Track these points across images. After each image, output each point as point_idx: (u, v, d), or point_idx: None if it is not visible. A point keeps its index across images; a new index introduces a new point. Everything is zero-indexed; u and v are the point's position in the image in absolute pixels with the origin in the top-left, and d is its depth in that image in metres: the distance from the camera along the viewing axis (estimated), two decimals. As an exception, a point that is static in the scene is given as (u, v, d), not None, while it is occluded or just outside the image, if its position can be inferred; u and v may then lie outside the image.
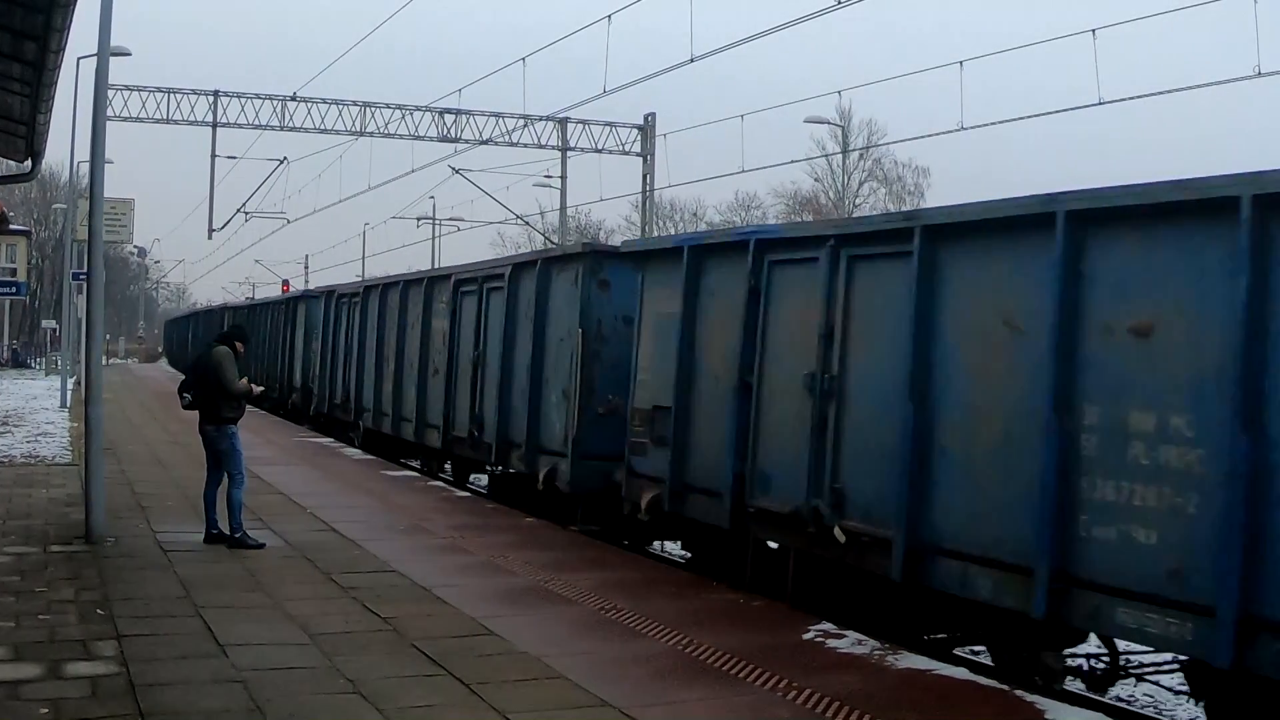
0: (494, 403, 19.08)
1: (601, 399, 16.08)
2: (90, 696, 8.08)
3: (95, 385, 14.34)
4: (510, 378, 18.57)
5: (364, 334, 27.32)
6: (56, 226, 78.48)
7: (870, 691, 8.78)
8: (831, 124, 55.97)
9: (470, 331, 20.48)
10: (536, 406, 17.53)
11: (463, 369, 20.77)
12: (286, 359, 37.74)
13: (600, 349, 16.16)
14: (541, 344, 17.50)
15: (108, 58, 14.37)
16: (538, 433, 17.50)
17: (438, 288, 22.69)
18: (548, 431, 17.24)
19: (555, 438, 16.95)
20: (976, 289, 10.21)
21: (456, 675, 8.79)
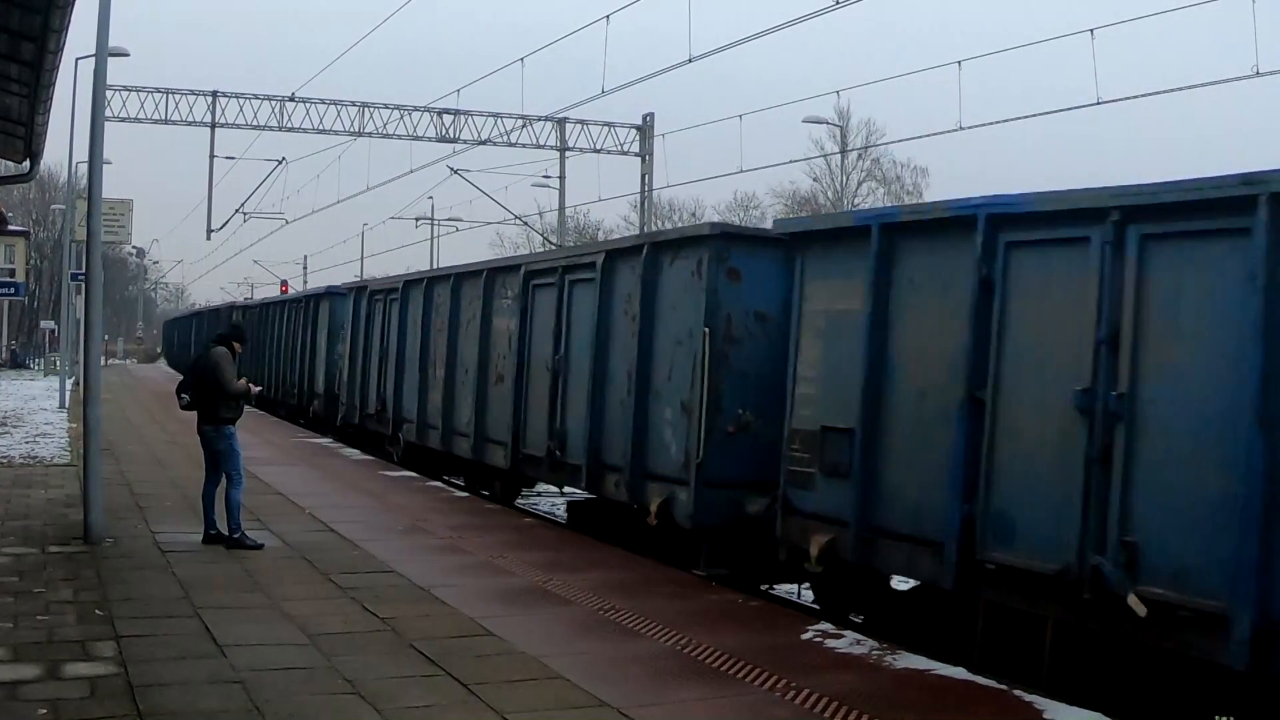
0: (581, 417, 16.11)
1: (730, 414, 13.43)
2: (89, 697, 8.07)
3: (94, 386, 14.34)
4: (604, 387, 15.67)
5: (404, 335, 24.13)
6: (55, 227, 78.55)
7: (869, 691, 8.78)
8: (830, 124, 56.13)
9: (546, 331, 17.42)
10: (643, 422, 14.68)
11: (537, 376, 17.75)
12: (306, 363, 34.32)
13: (729, 352, 13.50)
14: (649, 347, 14.71)
15: (106, 58, 14.38)
16: (644, 454, 14.65)
17: (502, 281, 19.59)
18: (659, 453, 14.40)
19: (670, 461, 14.11)
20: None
21: (455, 675, 8.80)
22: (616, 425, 15.32)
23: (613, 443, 15.42)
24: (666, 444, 14.23)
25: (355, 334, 27.90)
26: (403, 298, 24.42)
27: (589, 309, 16.11)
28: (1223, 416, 8.19)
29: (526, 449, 17.99)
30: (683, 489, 13.71)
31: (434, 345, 22.26)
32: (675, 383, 14.12)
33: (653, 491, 14.33)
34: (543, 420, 17.28)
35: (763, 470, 12.83)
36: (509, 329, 18.78)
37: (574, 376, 16.53)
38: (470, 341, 20.38)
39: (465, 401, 20.50)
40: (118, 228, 52.47)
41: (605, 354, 15.67)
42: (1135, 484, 8.75)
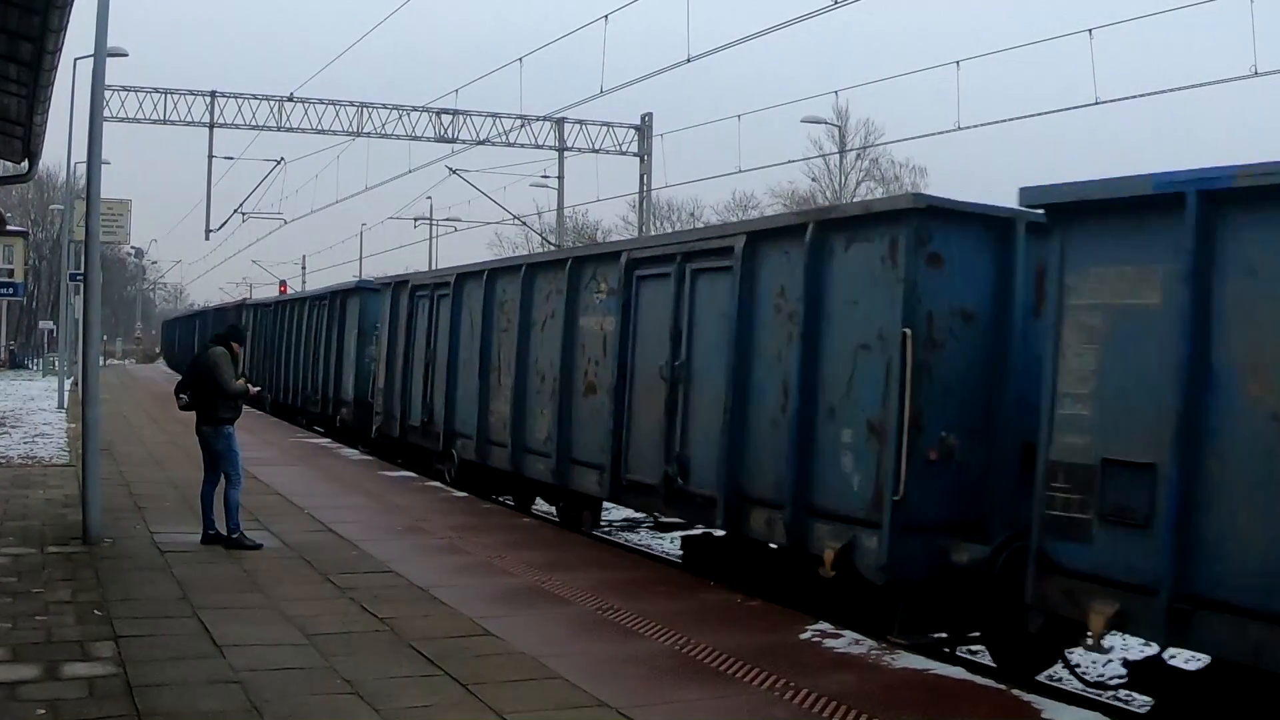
0: (711, 438, 13.35)
1: (931, 437, 10.87)
2: (88, 697, 8.07)
3: (92, 386, 14.35)
4: (746, 401, 12.88)
5: (457, 336, 21.13)
6: (54, 227, 78.60)
7: (867, 691, 8.79)
8: (828, 124, 56.01)
9: (659, 332, 14.50)
10: (809, 447, 11.89)
11: (645, 386, 14.81)
12: (332, 367, 31.06)
13: (931, 360, 10.89)
14: (815, 352, 11.92)
15: (104, 58, 14.37)
16: (811, 487, 11.84)
17: (592, 271, 16.50)
18: (833, 486, 11.57)
19: (851, 496, 11.32)
20: None
21: (454, 675, 8.80)
22: (766, 449, 12.53)
23: (760, 471, 12.62)
24: (845, 474, 11.44)
25: (393, 334, 24.48)
26: (455, 293, 21.22)
27: (723, 305, 13.36)
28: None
29: (631, 474, 15.03)
30: (870, 532, 11.03)
31: (498, 348, 19.37)
32: (858, 397, 11.35)
33: (824, 534, 11.62)
34: (654, 440, 14.45)
35: (968, 508, 10.89)
36: (603, 329, 15.88)
37: (700, 388, 13.74)
38: (548, 344, 17.41)
39: (542, 415, 17.51)
40: (116, 228, 52.49)
41: (747, 360, 12.90)
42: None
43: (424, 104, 44.57)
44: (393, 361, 24.43)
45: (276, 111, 43.67)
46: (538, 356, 17.85)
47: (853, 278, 11.57)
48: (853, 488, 11.31)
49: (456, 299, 21.20)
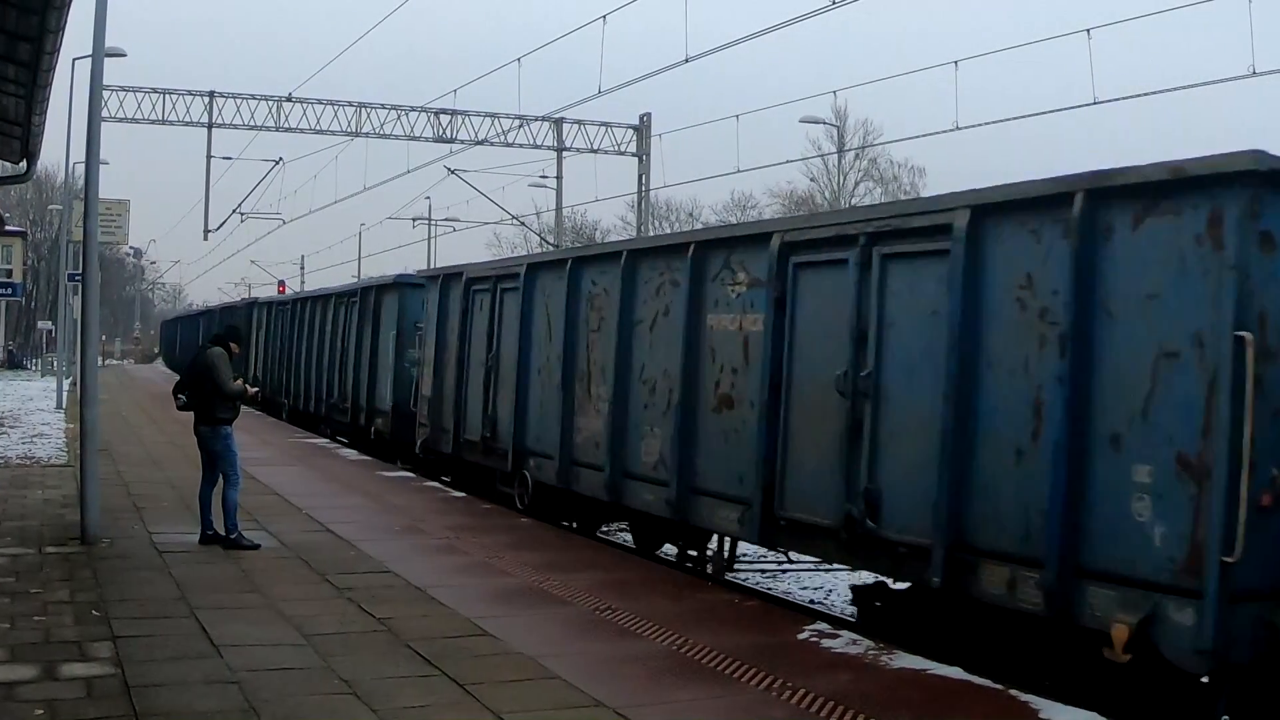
0: (917, 468, 10.52)
1: (1264, 476, 8.34)
2: (85, 697, 8.07)
3: (91, 386, 14.35)
4: (971, 424, 10.12)
5: (528, 336, 18.07)
6: (52, 227, 78.66)
7: (865, 691, 8.79)
8: (827, 124, 56.09)
9: (829, 334, 11.64)
10: (1079, 486, 9.18)
11: (810, 401, 11.92)
12: (364, 372, 27.73)
13: (1265, 375, 8.33)
14: (1086, 362, 9.22)
15: (102, 58, 14.37)
16: (1083, 539, 9.15)
17: (724, 259, 13.54)
18: (1121, 538, 8.87)
19: (1151, 553, 8.64)
20: None
21: (451, 676, 8.80)
22: (1007, 487, 9.82)
23: (997, 514, 9.87)
24: (1141, 525, 8.74)
25: (443, 335, 21.49)
26: (526, 286, 18.14)
27: (932, 299, 10.61)
28: None
29: (790, 511, 12.09)
30: (1183, 603, 8.40)
31: (587, 351, 16.36)
32: (1160, 422, 8.69)
33: (1107, 604, 8.90)
34: (826, 470, 11.53)
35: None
36: (743, 330, 13.02)
37: (897, 404, 10.85)
38: (660, 347, 14.52)
39: (651, 434, 14.64)
40: (114, 228, 52.43)
41: (973, 371, 10.14)
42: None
43: (422, 104, 44.60)
44: (442, 366, 21.42)
45: (275, 112, 43.65)
46: (644, 362, 14.86)
47: (1147, 264, 8.89)
48: (1153, 542, 8.62)
49: (528, 293, 18.08)
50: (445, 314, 21.45)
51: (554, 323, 17.22)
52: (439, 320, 21.68)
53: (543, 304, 17.76)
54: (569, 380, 16.62)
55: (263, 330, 41.08)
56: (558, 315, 17.05)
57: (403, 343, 25.23)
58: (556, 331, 17.07)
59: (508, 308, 18.99)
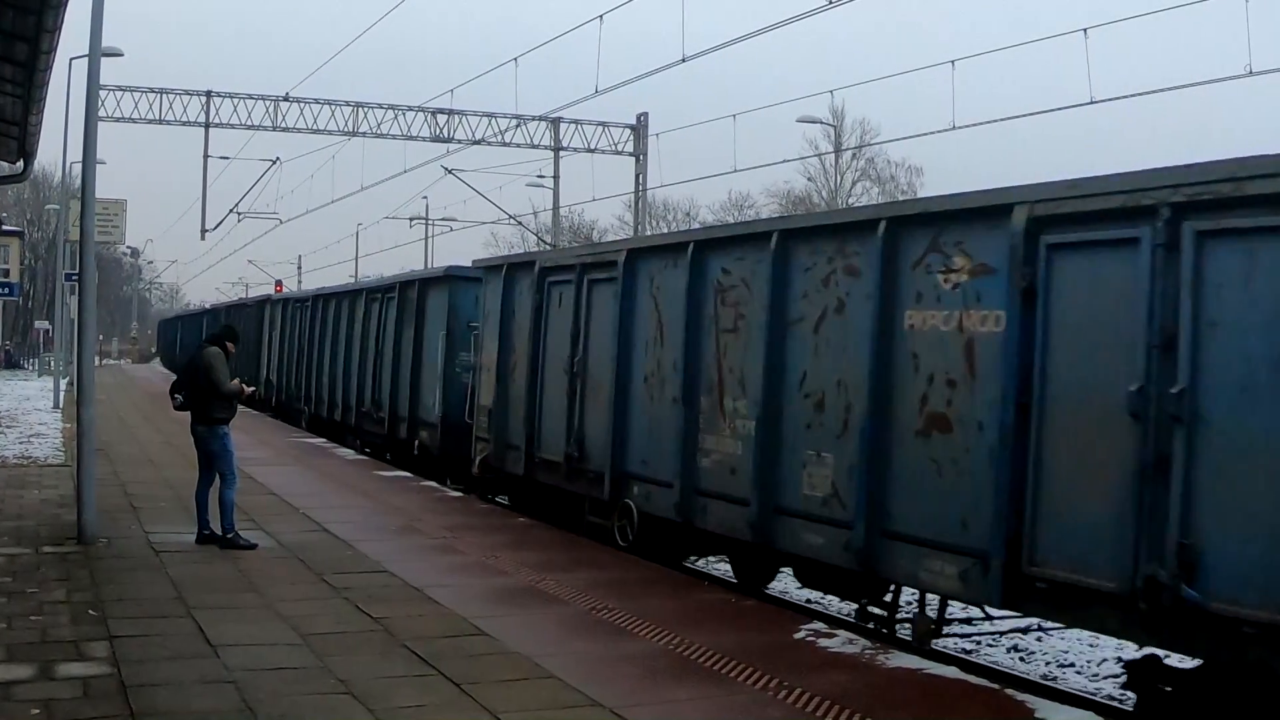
0: (1258, 519, 7.98)
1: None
2: (82, 697, 8.08)
3: (87, 386, 14.35)
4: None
5: (628, 336, 15.13)
6: (50, 227, 78.54)
7: (861, 690, 8.80)
8: (824, 123, 56.10)
9: (1106, 337, 9.03)
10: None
11: (1079, 426, 9.18)
12: (403, 376, 24.40)
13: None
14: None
15: (99, 58, 14.37)
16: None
17: (930, 241, 10.62)
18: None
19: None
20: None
21: (447, 675, 8.80)
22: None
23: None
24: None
25: (508, 335, 18.61)
26: (626, 277, 15.22)
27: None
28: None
29: (1048, 568, 9.28)
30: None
31: (717, 356, 13.41)
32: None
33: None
34: (1109, 516, 8.82)
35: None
36: (964, 331, 10.22)
37: (1224, 433, 8.20)
38: (832, 352, 11.70)
39: (818, 461, 11.73)
40: (111, 228, 52.47)
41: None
42: None
43: (420, 104, 44.63)
44: (508, 372, 18.55)
45: (272, 111, 43.66)
46: (805, 371, 12.01)
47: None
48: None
49: (628, 285, 15.18)
50: (510, 310, 18.56)
51: (668, 321, 14.36)
52: (503, 318, 18.72)
53: (649, 298, 14.85)
54: (691, 392, 13.71)
55: (278, 330, 38.38)
56: (673, 312, 14.19)
57: (453, 344, 21.97)
58: (672, 332, 14.19)
59: (599, 302, 15.96)
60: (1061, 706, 8.91)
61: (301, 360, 34.47)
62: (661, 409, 14.31)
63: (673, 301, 14.20)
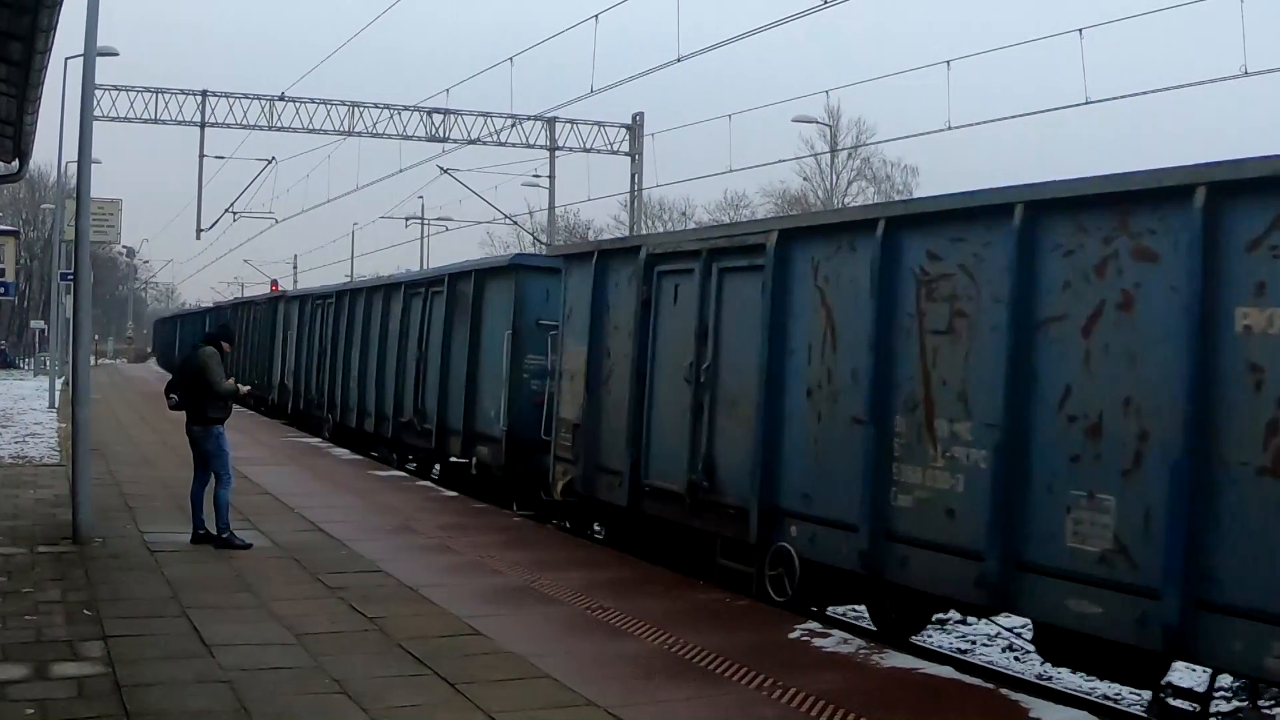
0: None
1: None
2: (77, 697, 8.08)
3: (83, 386, 14.36)
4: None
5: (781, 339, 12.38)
6: (45, 227, 78.56)
7: (855, 690, 8.81)
8: (820, 123, 56.11)
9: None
10: None
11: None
12: (457, 385, 20.99)
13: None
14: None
15: (94, 58, 14.36)
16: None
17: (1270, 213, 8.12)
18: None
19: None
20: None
21: (442, 675, 8.81)
22: None
23: None
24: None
25: (599, 335, 15.72)
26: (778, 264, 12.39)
27: None
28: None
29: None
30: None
31: (921, 365, 10.63)
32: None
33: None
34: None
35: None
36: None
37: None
38: (1113, 361, 9.09)
39: (1093, 504, 9.08)
40: (107, 227, 52.24)
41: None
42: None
43: (415, 103, 44.59)
44: (600, 380, 15.67)
45: (268, 111, 43.62)
46: (1070, 386, 9.33)
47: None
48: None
49: (780, 274, 12.38)
50: (603, 306, 15.67)
51: (842, 320, 11.62)
52: (593, 315, 15.75)
53: (812, 291, 12.03)
54: (882, 409, 10.95)
55: (295, 330, 34.90)
56: (851, 308, 11.48)
57: (520, 345, 18.79)
58: (850, 333, 11.46)
59: (735, 296, 13.20)
60: (1056, 706, 8.92)
61: (324, 363, 31.03)
62: (834, 430, 11.54)
63: (849, 295, 11.44)
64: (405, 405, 23.80)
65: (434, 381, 22.14)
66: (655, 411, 14.45)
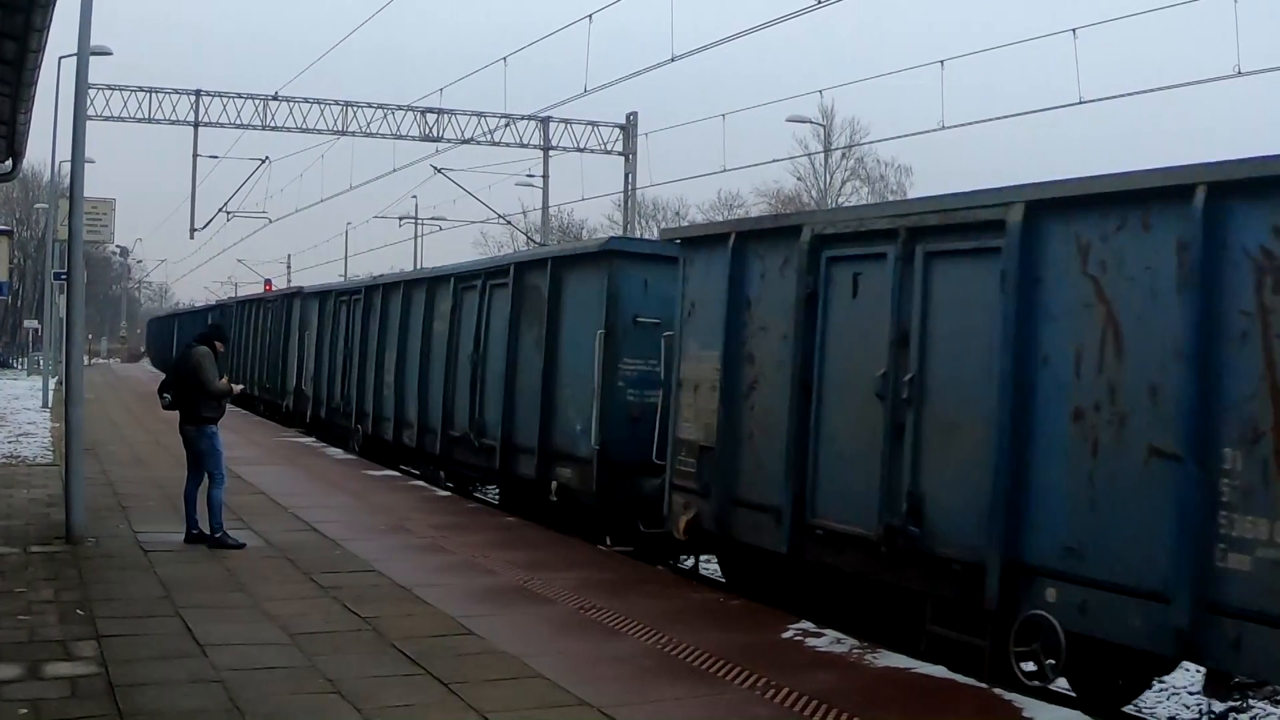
0: None
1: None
2: (70, 697, 8.07)
3: (76, 385, 14.32)
4: None
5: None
6: (38, 226, 78.41)
7: (849, 690, 8.81)
8: (814, 123, 56.15)
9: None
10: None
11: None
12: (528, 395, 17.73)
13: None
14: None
15: (88, 57, 14.34)
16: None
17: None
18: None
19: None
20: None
21: (436, 675, 8.81)
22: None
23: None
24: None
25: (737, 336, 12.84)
26: (1023, 249, 9.66)
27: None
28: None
29: None
30: None
31: (1269, 380, 7.96)
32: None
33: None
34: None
35: None
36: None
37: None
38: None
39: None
40: (100, 227, 52.23)
41: None
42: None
43: (409, 103, 44.62)
44: (741, 392, 12.69)
45: (261, 110, 43.64)
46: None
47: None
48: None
49: (1027, 260, 9.66)
50: (742, 300, 12.76)
51: (1128, 319, 8.90)
52: (730, 311, 12.83)
53: (1080, 282, 9.26)
54: (1204, 440, 8.26)
55: (314, 330, 31.37)
56: (1146, 303, 8.78)
57: (615, 348, 15.71)
58: (1143, 338, 8.79)
59: (948, 288, 10.47)
60: (1050, 706, 8.92)
61: (351, 368, 27.50)
62: (1119, 464, 8.83)
63: (1142, 286, 8.79)
64: (458, 417, 20.42)
65: (495, 390, 18.95)
66: (826, 434, 11.54)
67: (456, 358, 20.59)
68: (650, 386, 15.14)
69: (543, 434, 17.14)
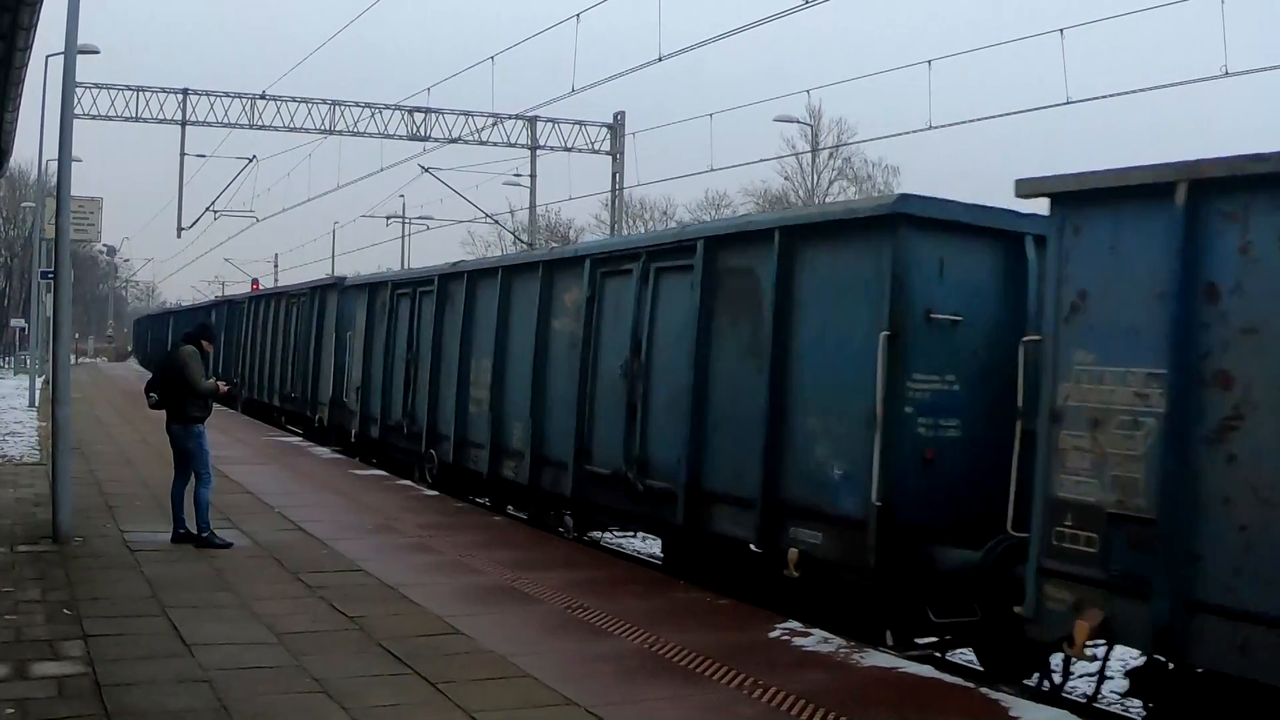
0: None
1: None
2: (57, 696, 8.06)
3: (63, 385, 14.30)
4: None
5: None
6: (25, 225, 78.19)
7: (836, 689, 8.82)
8: (801, 123, 56.17)
9: None
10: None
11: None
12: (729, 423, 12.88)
13: None
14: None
15: (75, 56, 14.32)
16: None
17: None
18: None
19: None
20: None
21: (423, 674, 8.81)
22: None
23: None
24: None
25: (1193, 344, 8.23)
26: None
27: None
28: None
29: None
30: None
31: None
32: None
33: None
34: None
35: None
36: None
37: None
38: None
39: None
40: (87, 226, 52.25)
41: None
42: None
43: (396, 102, 44.53)
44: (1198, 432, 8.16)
45: (249, 109, 43.53)
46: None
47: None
48: None
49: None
50: (1192, 289, 8.25)
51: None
52: (1182, 303, 8.27)
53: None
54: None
55: (358, 331, 25.42)
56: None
57: (902, 359, 10.91)
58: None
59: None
60: (1036, 705, 8.95)
61: (418, 377, 21.77)
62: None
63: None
64: (600, 448, 15.40)
65: (670, 414, 13.89)
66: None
67: (595, 367, 15.58)
68: (948, 413, 11.07)
69: (768, 480, 12.18)
